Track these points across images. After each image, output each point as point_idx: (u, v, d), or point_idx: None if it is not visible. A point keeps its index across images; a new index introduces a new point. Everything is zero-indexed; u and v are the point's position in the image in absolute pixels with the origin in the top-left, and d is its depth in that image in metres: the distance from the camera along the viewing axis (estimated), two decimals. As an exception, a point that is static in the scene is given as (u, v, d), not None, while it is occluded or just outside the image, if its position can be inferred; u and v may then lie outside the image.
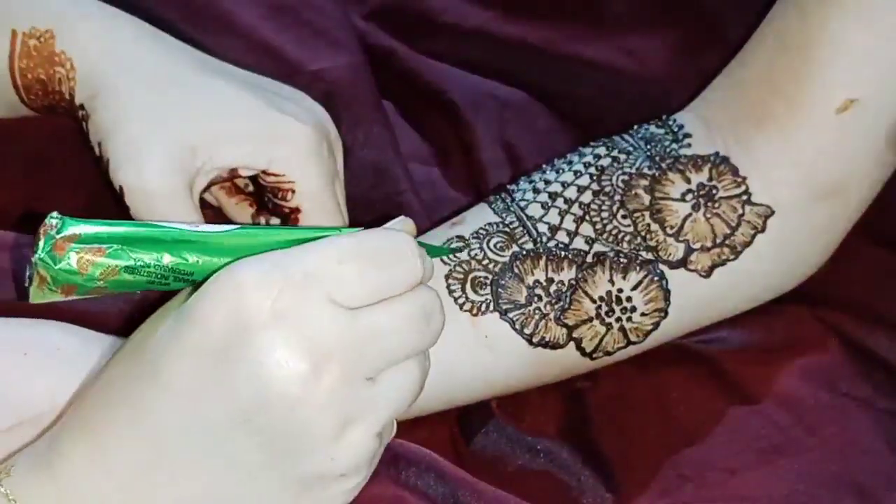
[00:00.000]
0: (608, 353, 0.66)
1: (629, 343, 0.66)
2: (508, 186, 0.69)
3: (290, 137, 0.65)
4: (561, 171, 0.68)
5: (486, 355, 0.64)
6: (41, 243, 0.50)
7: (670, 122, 0.69)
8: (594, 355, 0.65)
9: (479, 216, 0.67)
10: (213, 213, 0.72)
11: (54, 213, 0.51)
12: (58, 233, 0.50)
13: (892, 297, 0.71)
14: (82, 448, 0.51)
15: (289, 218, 0.67)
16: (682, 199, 0.66)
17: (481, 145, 0.78)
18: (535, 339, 0.64)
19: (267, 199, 0.68)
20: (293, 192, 0.66)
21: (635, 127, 0.70)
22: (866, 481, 0.63)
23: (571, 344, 0.64)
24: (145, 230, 0.51)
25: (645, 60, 0.78)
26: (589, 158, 0.68)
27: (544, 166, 0.69)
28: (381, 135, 0.76)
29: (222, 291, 0.48)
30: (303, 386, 0.48)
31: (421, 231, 0.70)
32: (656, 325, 0.66)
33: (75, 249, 0.50)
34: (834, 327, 0.70)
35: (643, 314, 0.65)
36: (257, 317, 0.48)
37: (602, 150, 0.68)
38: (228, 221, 0.72)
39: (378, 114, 0.77)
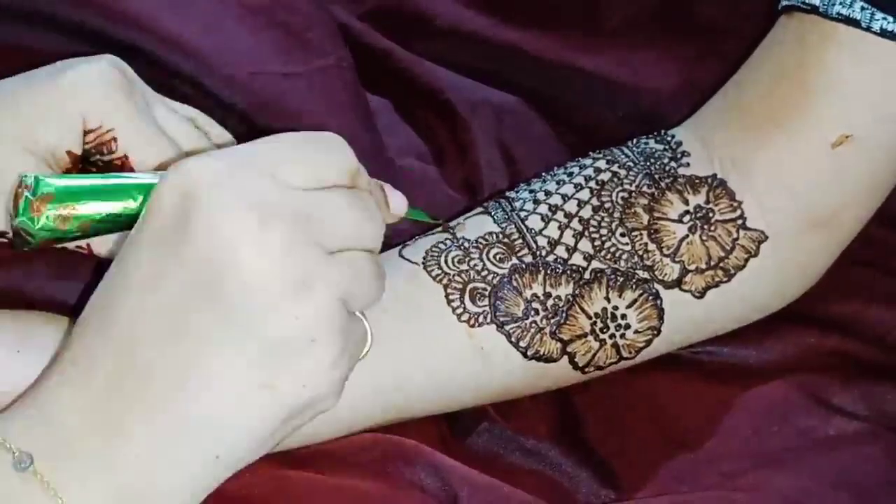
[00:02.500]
0: (599, 368, 0.66)
1: (621, 359, 0.66)
2: (507, 194, 0.69)
3: (86, 86, 0.63)
4: (561, 182, 0.68)
5: (480, 366, 0.64)
6: (20, 207, 0.55)
7: (668, 138, 0.69)
8: (586, 369, 0.66)
9: (479, 224, 0.67)
10: None
11: (27, 173, 0.55)
12: (33, 194, 0.54)
13: (883, 313, 0.72)
14: (58, 373, 0.52)
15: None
16: (680, 221, 0.66)
17: (477, 146, 0.78)
18: (529, 353, 0.64)
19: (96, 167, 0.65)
20: (115, 139, 0.63)
21: (634, 140, 0.70)
22: (865, 485, 0.65)
23: (565, 358, 0.65)
24: (112, 182, 0.56)
25: (639, 71, 0.79)
26: (589, 172, 0.68)
27: (544, 174, 0.70)
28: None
29: (171, 180, 0.51)
30: (252, 240, 0.50)
31: (415, 234, 0.70)
32: (648, 343, 0.66)
33: (51, 209, 0.55)
34: (827, 344, 0.72)
35: (636, 331, 0.66)
36: (202, 186, 0.50)
37: (602, 164, 0.68)
38: None
39: (349, 119, 0.76)
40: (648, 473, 0.67)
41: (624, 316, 0.65)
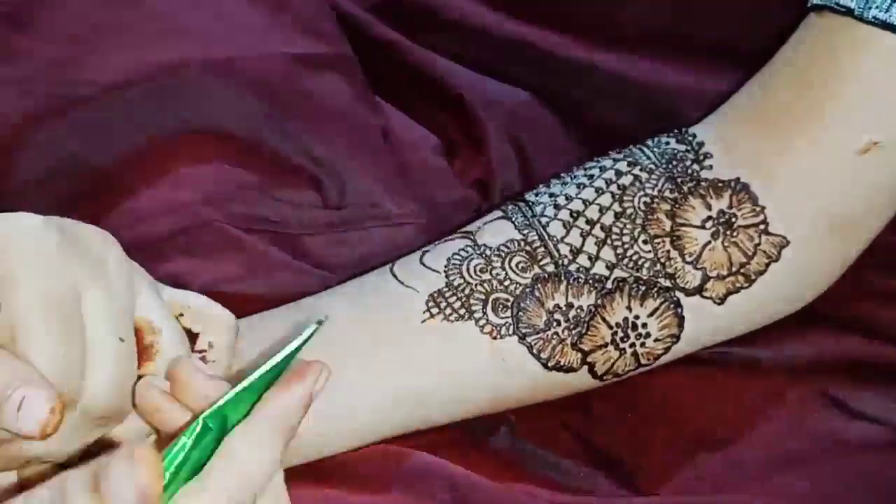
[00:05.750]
0: (617, 375, 0.66)
1: (639, 366, 0.66)
2: (526, 196, 0.68)
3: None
4: (582, 186, 0.67)
5: (500, 377, 0.64)
6: None
7: (690, 138, 0.68)
8: (604, 377, 0.66)
9: (499, 230, 0.66)
10: None
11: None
12: None
13: None
14: None
15: None
16: (703, 227, 0.66)
17: (490, 142, 0.76)
18: (550, 364, 0.64)
19: None
20: None
21: (654, 139, 0.69)
22: (890, 493, 0.66)
23: (584, 368, 0.65)
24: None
25: (651, 70, 0.77)
26: (610, 174, 0.67)
27: (563, 175, 0.68)
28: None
29: None
30: None
31: (434, 238, 0.69)
32: (667, 350, 0.66)
33: None
34: (843, 345, 0.72)
35: (656, 339, 0.65)
36: None
37: (623, 166, 0.67)
38: None
39: (362, 112, 0.75)
40: (668, 475, 0.67)
41: (644, 325, 0.65)
